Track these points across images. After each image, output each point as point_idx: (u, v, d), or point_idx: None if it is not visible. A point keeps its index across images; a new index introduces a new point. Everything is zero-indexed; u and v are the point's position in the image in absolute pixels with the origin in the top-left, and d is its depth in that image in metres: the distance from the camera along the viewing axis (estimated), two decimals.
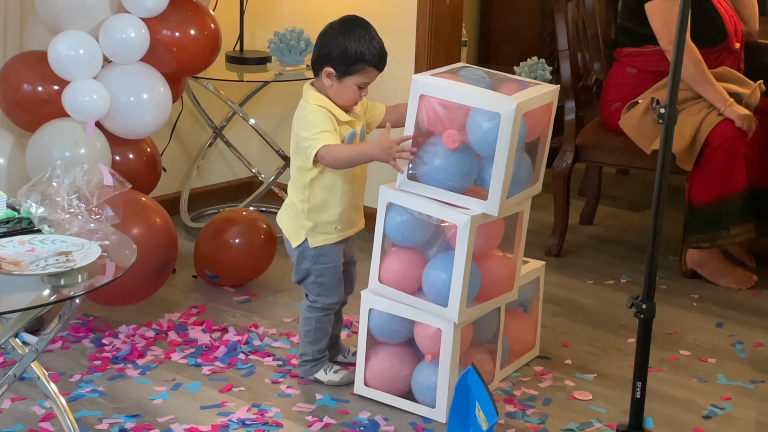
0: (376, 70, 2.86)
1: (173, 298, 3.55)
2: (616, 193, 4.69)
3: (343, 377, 3.03)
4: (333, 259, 2.96)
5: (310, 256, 2.95)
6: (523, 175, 2.81)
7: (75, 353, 3.16)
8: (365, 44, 2.84)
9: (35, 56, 3.36)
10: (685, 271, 3.83)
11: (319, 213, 2.91)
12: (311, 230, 2.93)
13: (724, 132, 3.62)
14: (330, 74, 2.85)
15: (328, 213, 2.91)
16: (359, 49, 2.83)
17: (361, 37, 2.85)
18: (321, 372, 3.04)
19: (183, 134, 4.29)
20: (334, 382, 3.02)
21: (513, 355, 3.11)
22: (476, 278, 2.80)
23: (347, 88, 2.86)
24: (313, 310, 3.01)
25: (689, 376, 3.16)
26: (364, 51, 2.83)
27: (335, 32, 2.87)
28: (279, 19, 4.23)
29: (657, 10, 3.68)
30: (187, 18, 3.44)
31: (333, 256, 2.96)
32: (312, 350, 3.04)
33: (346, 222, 2.94)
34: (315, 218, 2.92)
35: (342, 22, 2.90)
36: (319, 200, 2.90)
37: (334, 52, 2.85)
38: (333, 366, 3.06)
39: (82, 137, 3.28)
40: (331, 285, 2.99)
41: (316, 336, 3.02)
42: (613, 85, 3.90)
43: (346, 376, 3.03)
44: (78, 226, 2.52)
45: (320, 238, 2.93)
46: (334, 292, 3.00)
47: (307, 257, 2.95)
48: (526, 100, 2.67)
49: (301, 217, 2.92)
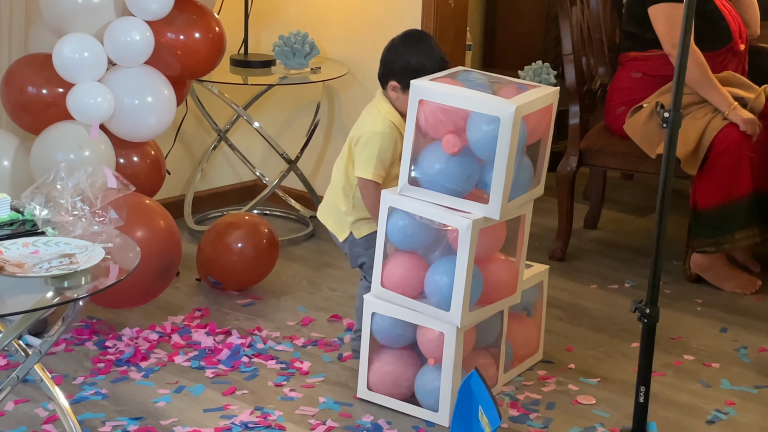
0: None
1: (177, 301, 3.55)
2: (620, 197, 4.68)
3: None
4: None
5: (361, 245, 3.07)
6: (525, 178, 2.81)
7: (78, 355, 3.17)
8: (426, 57, 2.95)
9: (40, 59, 3.36)
10: (690, 276, 3.82)
11: (361, 211, 3.04)
12: (354, 224, 3.06)
13: (729, 136, 3.61)
14: (395, 88, 2.96)
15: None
16: (420, 61, 2.94)
17: (422, 50, 2.97)
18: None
19: (187, 137, 4.29)
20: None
21: (516, 359, 3.11)
22: (478, 282, 2.80)
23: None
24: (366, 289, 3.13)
25: (693, 380, 3.15)
26: (425, 63, 2.93)
27: (397, 47, 3.01)
28: (284, 22, 4.24)
29: (661, 13, 3.68)
30: (192, 21, 3.45)
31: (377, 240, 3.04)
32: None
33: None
34: (357, 215, 3.05)
35: (403, 37, 3.04)
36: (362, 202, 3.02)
37: (396, 66, 2.96)
38: None
39: (86, 140, 3.28)
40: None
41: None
42: (617, 90, 3.90)
43: None
44: (82, 228, 2.52)
45: (365, 228, 3.05)
46: None
47: (359, 246, 3.07)
48: (526, 103, 2.67)
49: (345, 212, 3.06)
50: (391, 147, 2.95)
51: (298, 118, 4.36)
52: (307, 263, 3.92)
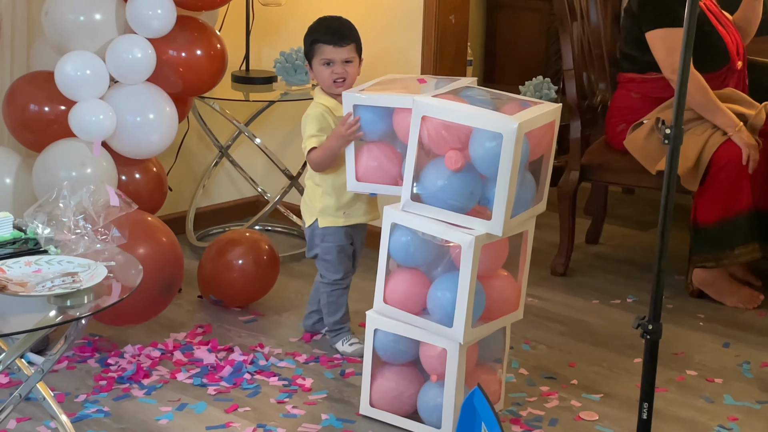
0: (329, 46, 3.16)
1: (179, 318, 3.55)
2: (622, 212, 4.68)
3: (355, 350, 3.27)
4: (338, 239, 3.24)
5: (318, 235, 3.25)
6: (527, 194, 2.81)
7: (80, 373, 3.16)
8: (315, 24, 3.23)
9: (42, 76, 3.37)
10: (692, 291, 3.82)
11: (328, 197, 3.20)
12: (321, 212, 3.22)
13: (729, 152, 3.61)
14: (308, 68, 3.24)
15: (336, 199, 3.19)
16: (310, 31, 3.22)
17: (317, 23, 3.21)
18: (339, 342, 3.31)
19: (189, 154, 4.30)
20: (346, 353, 3.29)
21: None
22: (481, 298, 2.80)
23: (319, 72, 3.18)
24: (323, 285, 3.32)
25: (696, 396, 3.15)
26: (314, 30, 3.20)
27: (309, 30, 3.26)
28: (285, 38, 4.25)
29: (658, 39, 3.68)
30: (194, 38, 3.46)
31: (338, 236, 3.24)
32: (329, 321, 3.33)
33: (353, 210, 3.21)
34: (324, 202, 3.20)
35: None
36: (328, 186, 3.19)
37: (304, 48, 3.23)
38: (351, 338, 3.31)
39: (88, 157, 3.29)
40: (335, 262, 3.27)
41: (329, 309, 3.31)
42: (617, 108, 3.91)
43: (358, 349, 3.25)
44: (84, 246, 2.52)
45: (328, 220, 3.22)
46: (338, 269, 3.27)
47: (317, 236, 3.25)
48: (528, 120, 2.68)
49: (314, 199, 3.23)
50: (318, 119, 3.17)
51: (299, 134, 4.35)
52: (309, 279, 3.91)
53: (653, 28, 3.69)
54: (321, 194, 3.21)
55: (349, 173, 3.05)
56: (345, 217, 3.22)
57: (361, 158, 3.04)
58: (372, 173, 3.04)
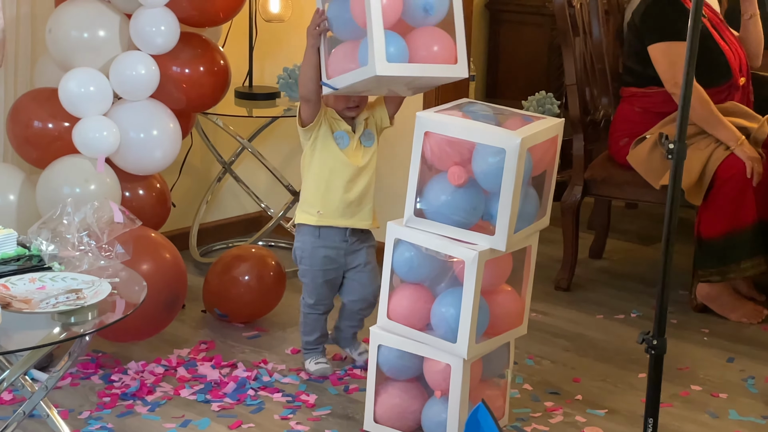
0: None
1: (182, 334, 3.55)
2: (625, 226, 4.68)
3: (318, 369, 3.26)
4: (313, 263, 3.19)
5: (298, 256, 3.21)
6: (530, 210, 2.81)
7: (84, 390, 3.16)
8: None
9: (46, 93, 3.38)
10: (696, 306, 3.81)
11: (306, 189, 3.18)
12: (300, 205, 3.20)
13: (733, 166, 3.62)
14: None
15: (311, 192, 3.15)
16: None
17: None
18: (307, 361, 3.29)
19: (192, 169, 4.30)
20: (309, 371, 3.27)
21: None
22: (485, 313, 2.80)
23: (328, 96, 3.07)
24: (302, 304, 3.28)
25: (701, 411, 3.14)
26: None
27: None
28: (287, 54, 4.25)
29: (661, 53, 3.69)
30: (197, 55, 3.47)
31: (314, 261, 3.19)
32: (303, 340, 3.30)
33: (328, 209, 3.14)
34: (304, 194, 3.19)
35: None
36: (308, 176, 3.16)
37: None
38: (318, 358, 3.28)
39: (92, 174, 3.29)
40: (309, 285, 3.23)
41: (305, 328, 3.28)
42: (620, 122, 3.91)
43: (322, 369, 3.26)
44: (88, 263, 2.53)
45: (303, 216, 3.18)
46: (312, 294, 3.23)
47: (297, 240, 3.21)
48: (531, 135, 2.68)
49: (301, 193, 3.21)
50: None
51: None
52: None
53: (655, 41, 3.70)
54: (303, 186, 3.19)
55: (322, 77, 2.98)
56: (318, 217, 3.15)
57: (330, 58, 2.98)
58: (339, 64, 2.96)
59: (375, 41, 2.79)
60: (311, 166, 3.15)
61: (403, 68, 2.86)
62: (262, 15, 4.17)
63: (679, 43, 3.53)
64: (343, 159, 3.11)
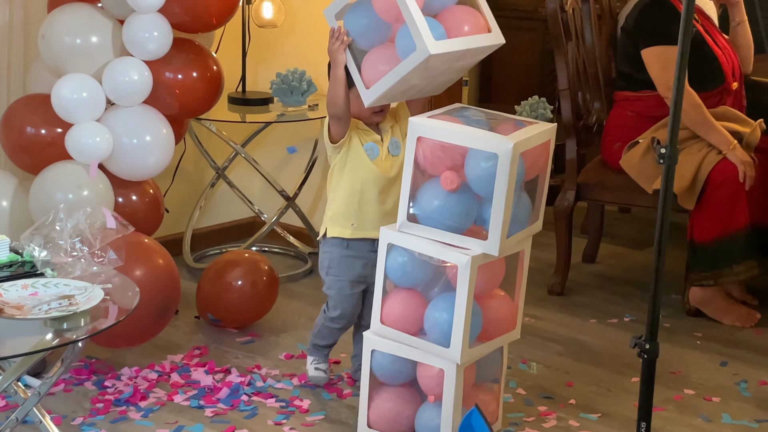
0: None
1: (176, 340, 3.55)
2: (618, 230, 4.69)
3: (315, 376, 3.23)
4: (341, 273, 3.10)
5: (325, 251, 3.12)
6: (523, 214, 2.82)
7: (77, 396, 3.16)
8: None
9: (38, 99, 3.38)
10: (689, 310, 3.82)
11: (337, 203, 3.08)
12: (331, 219, 3.10)
13: (725, 170, 3.62)
14: None
15: (343, 205, 3.07)
16: None
17: None
18: (309, 359, 3.26)
19: (186, 175, 4.30)
20: (308, 372, 3.24)
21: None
22: (478, 318, 2.80)
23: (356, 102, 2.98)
24: (322, 314, 3.21)
25: (694, 415, 3.14)
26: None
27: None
28: (281, 60, 4.26)
29: (654, 57, 3.70)
30: (190, 60, 3.47)
31: (341, 270, 3.10)
32: (312, 341, 3.25)
33: (363, 222, 3.06)
34: (334, 207, 3.09)
35: None
36: (339, 189, 3.07)
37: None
38: (320, 363, 3.24)
39: (85, 180, 3.29)
40: (336, 298, 3.14)
41: (319, 333, 3.23)
42: (613, 126, 3.92)
43: (318, 378, 3.23)
44: (81, 269, 2.53)
45: (336, 230, 3.09)
46: (337, 306, 3.14)
47: (325, 245, 3.12)
48: (523, 140, 2.68)
49: (328, 206, 3.12)
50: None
51: (296, 155, 4.37)
52: (306, 300, 3.92)
53: (648, 45, 3.71)
54: (332, 199, 3.10)
55: (360, 89, 2.90)
56: (352, 230, 3.07)
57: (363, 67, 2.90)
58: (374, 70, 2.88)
59: (418, 24, 2.73)
60: (342, 179, 3.07)
61: (451, 44, 2.81)
62: (255, 20, 4.17)
63: (673, 47, 3.52)
64: (374, 170, 3.03)
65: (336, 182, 3.09)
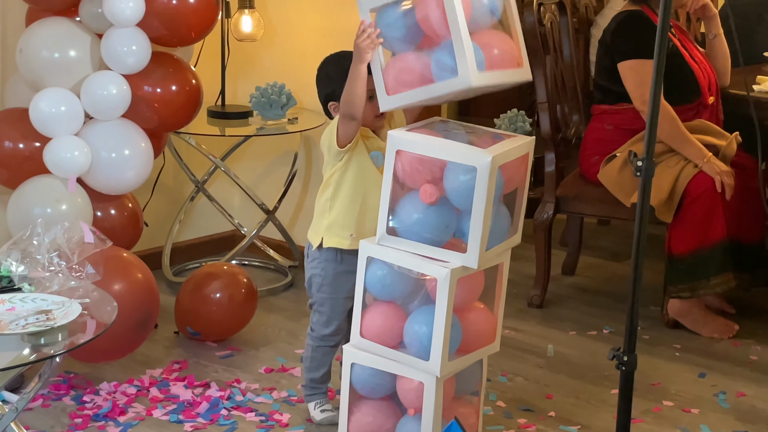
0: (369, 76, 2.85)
1: (155, 354, 3.53)
2: (597, 243, 4.70)
3: (325, 418, 3.10)
4: (337, 290, 3.03)
5: (319, 257, 3.02)
6: (502, 227, 2.82)
7: (56, 411, 3.14)
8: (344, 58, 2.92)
9: (16, 113, 3.37)
10: (667, 321, 3.84)
11: (336, 212, 2.99)
12: (327, 229, 3.00)
13: (703, 183, 3.64)
14: (336, 107, 2.97)
15: (342, 215, 2.98)
16: (341, 64, 2.91)
17: (339, 57, 2.98)
18: (312, 404, 3.12)
19: (165, 189, 4.29)
20: (315, 419, 3.10)
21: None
22: (457, 331, 2.80)
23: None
24: (309, 337, 3.11)
25: (673, 427, 3.15)
26: (346, 64, 2.86)
27: (320, 73, 3.04)
28: (260, 73, 4.26)
29: (629, 70, 3.72)
30: (169, 74, 3.47)
31: (337, 287, 3.03)
32: (307, 377, 3.13)
33: (362, 232, 2.96)
34: (332, 217, 2.99)
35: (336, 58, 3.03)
36: (338, 198, 2.98)
37: (328, 87, 2.99)
38: (325, 404, 3.12)
39: (63, 194, 3.28)
40: (328, 315, 3.07)
41: (311, 364, 3.11)
42: (591, 140, 3.94)
43: (329, 418, 3.09)
44: (58, 284, 2.52)
45: (334, 239, 2.99)
46: (332, 323, 3.07)
47: (321, 257, 3.01)
48: (502, 153, 2.69)
49: (323, 215, 3.01)
50: None
51: (275, 168, 4.37)
52: (286, 314, 3.92)
53: (625, 59, 3.73)
54: (329, 208, 3.00)
55: (379, 93, 2.78)
56: (350, 240, 2.97)
57: (387, 72, 2.78)
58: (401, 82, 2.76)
59: (465, 50, 2.61)
60: (342, 187, 2.97)
61: (491, 77, 2.70)
62: (234, 34, 4.18)
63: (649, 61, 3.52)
64: (379, 179, 2.87)
65: (335, 190, 2.98)
